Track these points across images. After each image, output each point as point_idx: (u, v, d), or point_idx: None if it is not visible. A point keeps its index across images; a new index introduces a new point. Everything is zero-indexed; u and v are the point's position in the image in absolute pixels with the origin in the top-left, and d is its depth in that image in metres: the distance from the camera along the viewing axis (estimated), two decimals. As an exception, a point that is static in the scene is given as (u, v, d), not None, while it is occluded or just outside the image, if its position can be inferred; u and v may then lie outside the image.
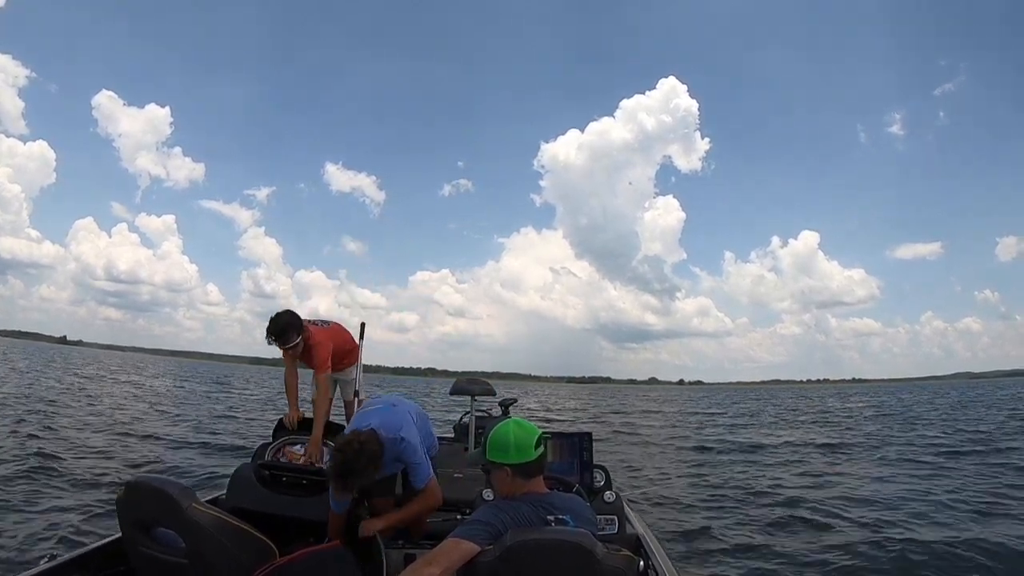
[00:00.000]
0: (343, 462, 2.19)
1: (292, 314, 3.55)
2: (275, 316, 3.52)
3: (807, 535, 5.66)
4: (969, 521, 5.93)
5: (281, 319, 3.50)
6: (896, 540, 5.28)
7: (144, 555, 2.14)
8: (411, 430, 2.64)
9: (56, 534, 4.57)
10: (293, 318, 3.53)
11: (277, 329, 3.46)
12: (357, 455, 2.20)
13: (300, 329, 3.54)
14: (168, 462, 8.08)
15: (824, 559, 4.94)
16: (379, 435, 2.39)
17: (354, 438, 2.28)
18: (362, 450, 2.21)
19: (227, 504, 2.77)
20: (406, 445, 2.56)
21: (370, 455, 2.24)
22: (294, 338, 3.49)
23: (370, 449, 2.25)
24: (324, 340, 3.68)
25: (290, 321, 3.51)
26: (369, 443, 2.27)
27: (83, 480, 6.43)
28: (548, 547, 1.60)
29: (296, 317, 3.55)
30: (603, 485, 2.99)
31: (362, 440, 2.26)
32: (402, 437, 2.54)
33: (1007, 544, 5.04)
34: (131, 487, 2.16)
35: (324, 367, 3.61)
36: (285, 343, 3.48)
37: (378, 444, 2.33)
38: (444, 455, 3.11)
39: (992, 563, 4.69)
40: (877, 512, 6.32)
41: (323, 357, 3.61)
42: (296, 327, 3.51)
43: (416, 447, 2.61)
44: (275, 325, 3.47)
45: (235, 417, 15.01)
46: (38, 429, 9.46)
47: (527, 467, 1.85)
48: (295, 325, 3.52)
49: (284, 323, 3.49)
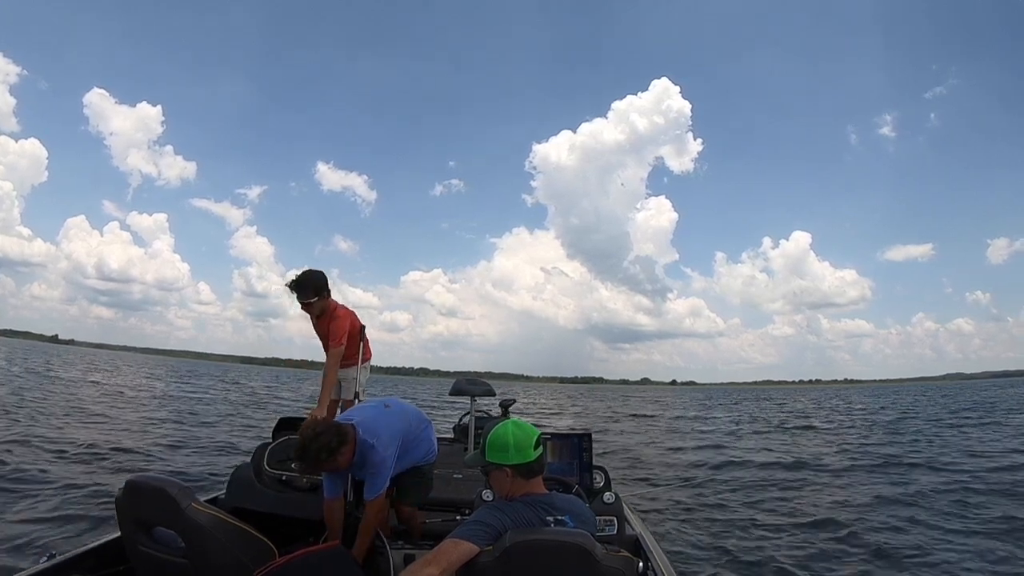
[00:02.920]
0: (299, 445, 2.29)
1: (319, 273, 3.57)
2: (303, 271, 3.55)
3: (807, 535, 5.66)
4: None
5: (305, 273, 3.54)
6: (897, 543, 5.29)
7: (143, 555, 2.14)
8: (387, 440, 2.52)
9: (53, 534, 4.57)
10: (318, 276, 3.55)
11: (297, 280, 3.49)
12: (310, 441, 2.27)
13: (321, 290, 3.54)
14: (168, 462, 8.08)
15: (824, 559, 4.95)
16: (344, 430, 2.39)
17: (311, 424, 2.36)
18: (315, 438, 2.28)
19: (227, 504, 2.77)
20: (373, 453, 2.46)
21: (322, 445, 2.27)
22: (310, 295, 3.49)
23: (324, 440, 2.28)
24: (344, 316, 3.71)
25: (313, 277, 3.52)
26: (325, 434, 2.30)
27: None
28: (547, 548, 1.60)
29: (323, 276, 3.57)
30: (602, 486, 2.99)
31: (318, 431, 2.31)
32: (372, 444, 2.45)
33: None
34: (131, 487, 2.16)
35: (339, 341, 3.63)
36: (301, 296, 3.48)
37: (336, 437, 2.32)
38: (444, 455, 3.11)
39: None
40: (877, 517, 6.32)
41: (341, 330, 3.63)
42: (315, 285, 3.51)
43: (383, 460, 2.48)
44: (298, 276, 3.50)
45: (233, 416, 15.01)
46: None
47: (526, 468, 1.85)
48: (316, 283, 3.52)
49: (306, 277, 3.51)
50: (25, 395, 15.05)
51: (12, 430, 9.14)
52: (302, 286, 3.48)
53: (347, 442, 2.37)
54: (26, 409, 11.94)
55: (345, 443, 2.36)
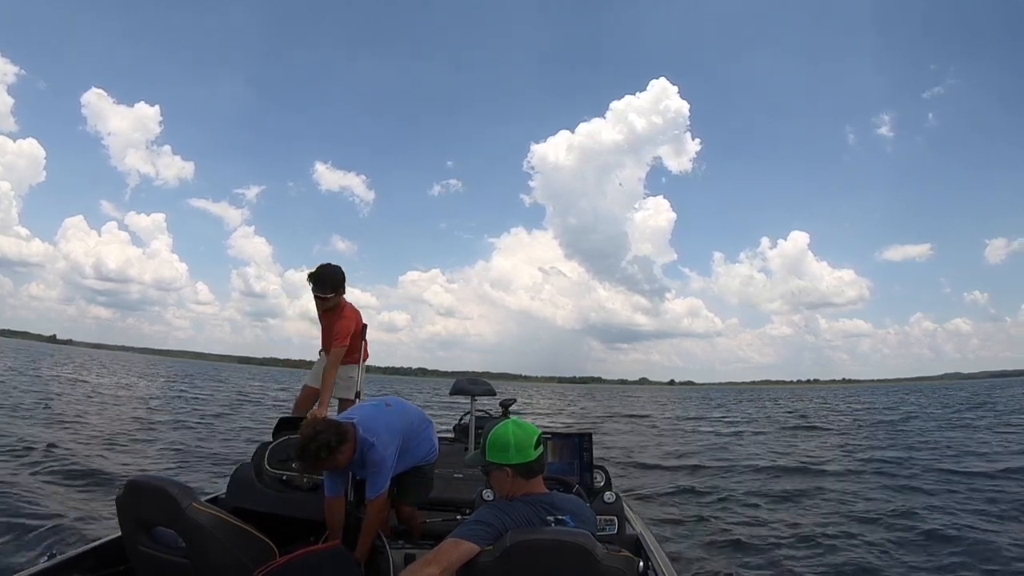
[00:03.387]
0: (299, 443, 2.30)
1: (338, 269, 3.60)
2: (323, 264, 3.58)
3: (807, 535, 5.65)
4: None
5: (327, 267, 3.57)
6: (900, 542, 5.29)
7: (144, 554, 2.15)
8: (387, 439, 2.52)
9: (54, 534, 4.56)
10: (336, 272, 3.58)
11: (318, 273, 3.52)
12: (310, 440, 2.27)
13: (338, 287, 3.58)
14: (168, 462, 8.07)
15: (825, 559, 4.95)
16: (344, 428, 2.39)
17: (311, 423, 2.36)
18: (315, 437, 2.28)
19: (227, 504, 2.77)
20: (373, 452, 2.46)
21: (322, 443, 2.28)
22: (328, 290, 3.53)
23: (323, 439, 2.28)
24: (351, 316, 3.73)
25: (332, 273, 3.56)
26: (323, 433, 2.30)
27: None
28: (548, 547, 1.60)
29: (341, 273, 3.60)
30: (603, 485, 2.99)
31: (318, 429, 2.31)
32: (372, 443, 2.45)
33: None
34: (131, 486, 2.16)
35: (343, 341, 3.64)
36: (318, 290, 3.53)
37: (335, 436, 2.32)
38: (444, 455, 3.11)
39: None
40: (876, 519, 6.32)
41: (346, 330, 3.65)
42: (333, 281, 3.55)
43: (383, 459, 2.48)
44: (319, 269, 3.54)
45: (231, 416, 14.98)
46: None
47: (527, 467, 1.85)
48: (334, 279, 3.56)
49: (325, 272, 3.54)
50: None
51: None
52: (321, 280, 3.53)
53: (347, 440, 2.37)
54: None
55: (345, 441, 2.36)
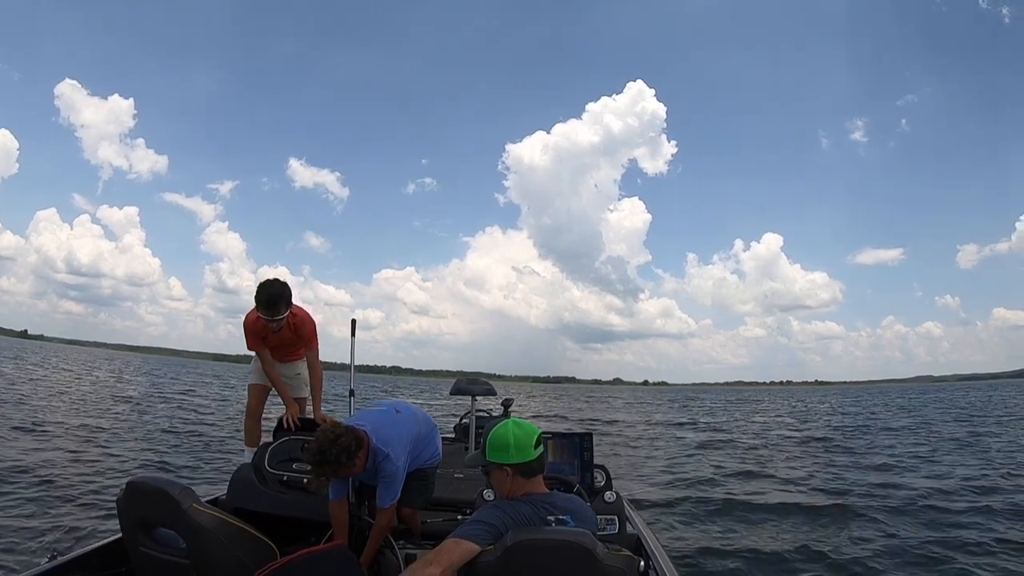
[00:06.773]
0: (317, 450, 2.24)
1: (284, 284, 3.14)
2: (265, 283, 3.10)
3: (806, 536, 5.66)
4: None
5: (273, 286, 3.08)
6: (901, 540, 5.30)
7: (145, 555, 2.15)
8: (400, 449, 2.50)
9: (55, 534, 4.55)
10: (285, 289, 3.13)
11: (267, 297, 3.05)
12: (330, 445, 2.23)
13: (291, 303, 3.17)
14: (167, 462, 8.07)
15: (826, 558, 4.95)
16: (360, 434, 2.36)
17: (330, 429, 2.31)
18: (336, 442, 2.24)
19: (228, 504, 2.78)
20: (388, 463, 2.44)
21: (342, 448, 2.25)
22: (284, 310, 3.12)
23: (343, 443, 2.26)
24: (306, 316, 3.42)
25: (282, 292, 3.11)
26: (343, 438, 2.27)
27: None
28: (548, 547, 1.60)
29: (288, 288, 3.14)
30: (603, 485, 2.99)
31: (338, 433, 2.28)
32: (387, 454, 2.43)
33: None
34: (132, 487, 2.16)
35: (315, 341, 3.41)
36: (277, 314, 3.09)
37: (354, 440, 2.30)
38: (445, 455, 3.11)
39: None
40: (875, 515, 6.33)
41: (312, 331, 3.38)
42: (288, 299, 3.14)
43: (397, 469, 2.47)
44: (265, 292, 3.05)
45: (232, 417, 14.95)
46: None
47: (527, 467, 1.85)
48: (287, 296, 3.13)
49: (276, 291, 3.08)
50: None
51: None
52: (274, 304, 3.08)
53: (363, 446, 2.34)
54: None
55: (361, 447, 2.33)
